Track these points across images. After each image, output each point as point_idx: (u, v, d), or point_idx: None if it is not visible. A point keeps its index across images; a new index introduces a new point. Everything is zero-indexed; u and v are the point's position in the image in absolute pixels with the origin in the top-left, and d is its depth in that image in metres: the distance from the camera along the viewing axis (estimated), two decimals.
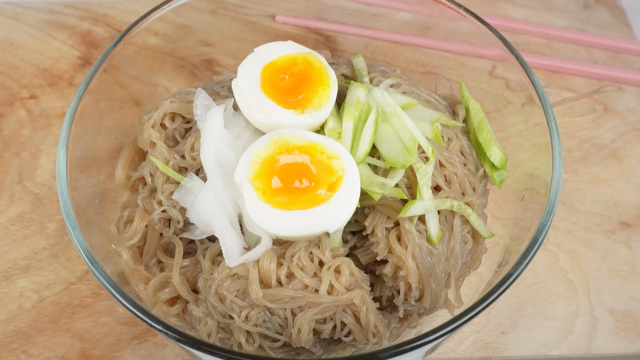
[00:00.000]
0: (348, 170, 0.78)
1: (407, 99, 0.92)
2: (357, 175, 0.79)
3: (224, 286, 0.78)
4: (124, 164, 0.95)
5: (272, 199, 0.76)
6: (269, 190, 0.76)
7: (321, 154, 0.78)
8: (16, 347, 0.93)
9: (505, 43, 0.93)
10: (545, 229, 0.77)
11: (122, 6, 1.34)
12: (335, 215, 0.77)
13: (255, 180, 0.77)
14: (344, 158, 0.79)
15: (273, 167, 0.77)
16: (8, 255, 1.01)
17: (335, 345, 0.83)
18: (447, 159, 0.89)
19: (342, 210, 0.77)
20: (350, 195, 0.78)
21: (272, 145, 0.79)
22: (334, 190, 0.76)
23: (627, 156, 1.14)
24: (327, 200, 0.76)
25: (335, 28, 1.24)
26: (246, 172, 0.77)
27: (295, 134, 0.79)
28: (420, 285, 0.81)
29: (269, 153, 0.78)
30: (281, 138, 0.79)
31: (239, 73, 0.87)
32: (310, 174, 0.76)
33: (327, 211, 0.76)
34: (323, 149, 0.79)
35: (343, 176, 0.77)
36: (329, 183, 0.76)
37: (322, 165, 0.77)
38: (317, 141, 0.79)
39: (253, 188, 0.77)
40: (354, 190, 0.78)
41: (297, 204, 0.76)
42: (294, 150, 0.78)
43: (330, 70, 0.89)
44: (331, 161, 0.78)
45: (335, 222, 0.77)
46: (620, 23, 1.35)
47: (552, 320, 0.96)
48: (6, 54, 1.26)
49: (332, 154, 0.78)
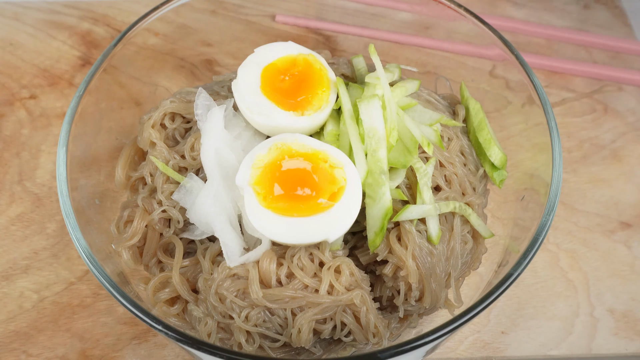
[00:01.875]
0: (350, 181, 0.78)
1: (407, 100, 0.92)
2: (359, 186, 0.79)
3: (224, 286, 0.78)
4: (124, 164, 0.95)
5: (272, 205, 0.76)
6: (269, 196, 0.76)
7: (324, 162, 0.78)
8: (16, 347, 0.93)
9: (505, 43, 0.93)
10: (545, 229, 0.77)
11: (122, 6, 1.34)
12: (335, 224, 0.77)
13: (256, 185, 0.77)
14: (347, 168, 0.79)
15: (275, 173, 0.77)
16: (8, 255, 1.01)
17: (335, 346, 0.83)
18: (447, 159, 0.89)
19: (343, 220, 0.77)
20: (351, 205, 0.78)
21: (275, 151, 0.78)
22: (335, 199, 0.76)
23: (627, 156, 1.14)
24: (328, 209, 0.76)
25: (335, 28, 1.24)
26: (247, 177, 0.77)
27: (298, 140, 0.79)
28: (421, 285, 0.81)
29: (271, 158, 0.78)
30: (284, 144, 0.79)
31: (239, 74, 0.87)
32: (312, 182, 0.76)
33: (327, 220, 0.76)
34: (326, 157, 0.78)
35: (345, 186, 0.77)
36: (330, 192, 0.76)
37: (325, 174, 0.77)
38: (320, 149, 0.79)
39: (254, 193, 0.77)
40: (356, 201, 0.78)
41: (297, 211, 0.76)
42: (296, 157, 0.78)
43: (330, 72, 0.89)
44: (334, 170, 0.78)
45: (335, 232, 0.77)
46: (620, 23, 1.35)
47: (552, 320, 0.96)
48: (6, 54, 1.26)
49: (334, 163, 0.78)
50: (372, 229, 0.81)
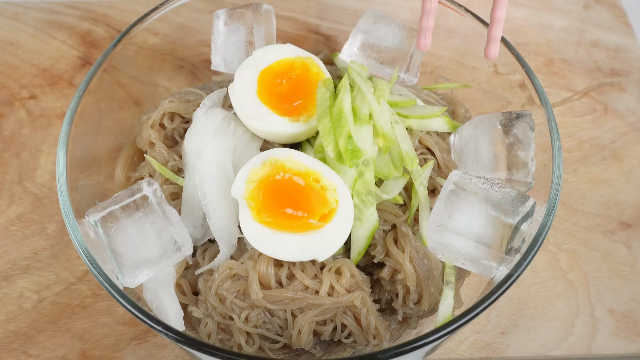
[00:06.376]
0: (342, 203, 0.78)
1: (405, 98, 0.92)
2: (351, 209, 0.79)
3: (224, 287, 0.78)
4: (124, 165, 0.95)
5: (265, 220, 0.76)
6: (262, 212, 0.77)
7: (316, 182, 0.78)
8: (16, 348, 0.93)
9: (506, 43, 0.93)
10: (545, 230, 0.77)
11: (122, 6, 1.34)
12: (324, 245, 0.77)
13: (250, 200, 0.77)
14: (339, 190, 0.79)
15: (267, 190, 0.77)
16: (8, 256, 1.01)
17: (336, 347, 0.83)
18: (446, 162, 0.89)
19: (332, 241, 0.78)
20: (341, 228, 0.78)
21: (269, 166, 0.79)
22: (325, 221, 0.77)
23: (627, 156, 1.14)
24: (318, 229, 0.77)
25: (335, 28, 1.24)
26: (242, 190, 0.78)
27: (292, 157, 0.79)
28: (419, 288, 0.81)
29: (265, 174, 0.78)
30: (277, 160, 0.79)
31: (236, 77, 0.87)
32: (303, 203, 0.77)
33: (317, 240, 0.77)
34: (319, 178, 0.78)
35: (336, 209, 0.78)
36: (321, 214, 0.77)
37: (316, 196, 0.77)
38: (313, 169, 0.79)
39: (248, 207, 0.77)
40: (346, 224, 0.78)
41: (289, 228, 0.76)
42: (289, 175, 0.78)
43: (327, 76, 0.88)
44: (325, 192, 0.78)
45: (324, 253, 0.78)
46: (620, 23, 1.35)
47: (552, 321, 0.96)
48: (6, 54, 1.26)
49: (326, 185, 0.78)
50: (356, 249, 0.82)
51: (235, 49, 0.96)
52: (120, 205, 0.75)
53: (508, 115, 0.83)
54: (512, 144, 0.82)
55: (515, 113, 0.83)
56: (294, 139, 0.87)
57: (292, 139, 0.87)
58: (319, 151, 0.83)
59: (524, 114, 0.83)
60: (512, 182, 0.83)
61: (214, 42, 0.96)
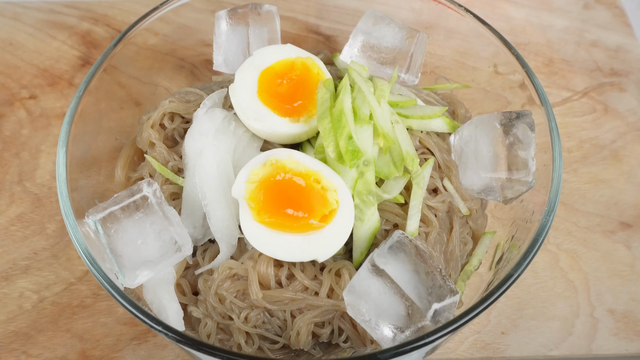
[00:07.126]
0: (343, 203, 0.78)
1: (405, 98, 0.92)
2: (351, 209, 0.79)
3: (223, 287, 0.78)
4: (124, 165, 0.94)
5: (265, 220, 0.76)
6: (262, 212, 0.76)
7: (317, 183, 0.78)
8: (16, 348, 0.93)
9: (505, 43, 0.93)
10: (546, 230, 0.77)
11: (122, 6, 1.34)
12: (325, 246, 0.77)
13: (250, 200, 0.77)
14: (340, 191, 0.78)
15: (268, 191, 0.77)
16: (8, 256, 1.01)
17: (335, 348, 0.83)
18: (446, 162, 0.89)
19: (332, 242, 0.78)
20: (342, 228, 0.78)
21: (270, 166, 0.78)
22: (326, 221, 0.77)
23: (627, 156, 1.14)
24: (319, 230, 0.76)
25: (335, 28, 1.24)
26: (243, 190, 0.78)
27: (293, 157, 0.79)
28: None
29: (266, 174, 0.78)
30: (278, 161, 0.79)
31: (236, 77, 0.87)
32: (304, 204, 0.77)
33: (317, 240, 0.77)
34: (319, 179, 0.78)
35: (337, 209, 0.77)
36: (321, 214, 0.77)
37: (317, 196, 0.77)
38: (314, 170, 0.79)
39: (248, 208, 0.77)
40: (347, 225, 0.78)
41: (289, 228, 0.76)
42: (290, 175, 0.78)
43: (327, 76, 0.88)
44: (326, 193, 0.78)
45: (324, 253, 0.78)
46: (620, 23, 1.35)
47: (552, 321, 0.96)
48: (6, 54, 1.26)
49: (327, 186, 0.78)
50: (358, 249, 0.81)
51: (236, 49, 0.96)
52: (120, 205, 0.75)
53: (508, 115, 0.83)
54: (512, 144, 0.82)
55: (515, 113, 0.83)
56: (294, 139, 0.87)
57: (293, 139, 0.86)
58: (319, 151, 0.83)
59: (524, 114, 0.83)
60: (512, 181, 0.83)
61: (216, 42, 0.97)
